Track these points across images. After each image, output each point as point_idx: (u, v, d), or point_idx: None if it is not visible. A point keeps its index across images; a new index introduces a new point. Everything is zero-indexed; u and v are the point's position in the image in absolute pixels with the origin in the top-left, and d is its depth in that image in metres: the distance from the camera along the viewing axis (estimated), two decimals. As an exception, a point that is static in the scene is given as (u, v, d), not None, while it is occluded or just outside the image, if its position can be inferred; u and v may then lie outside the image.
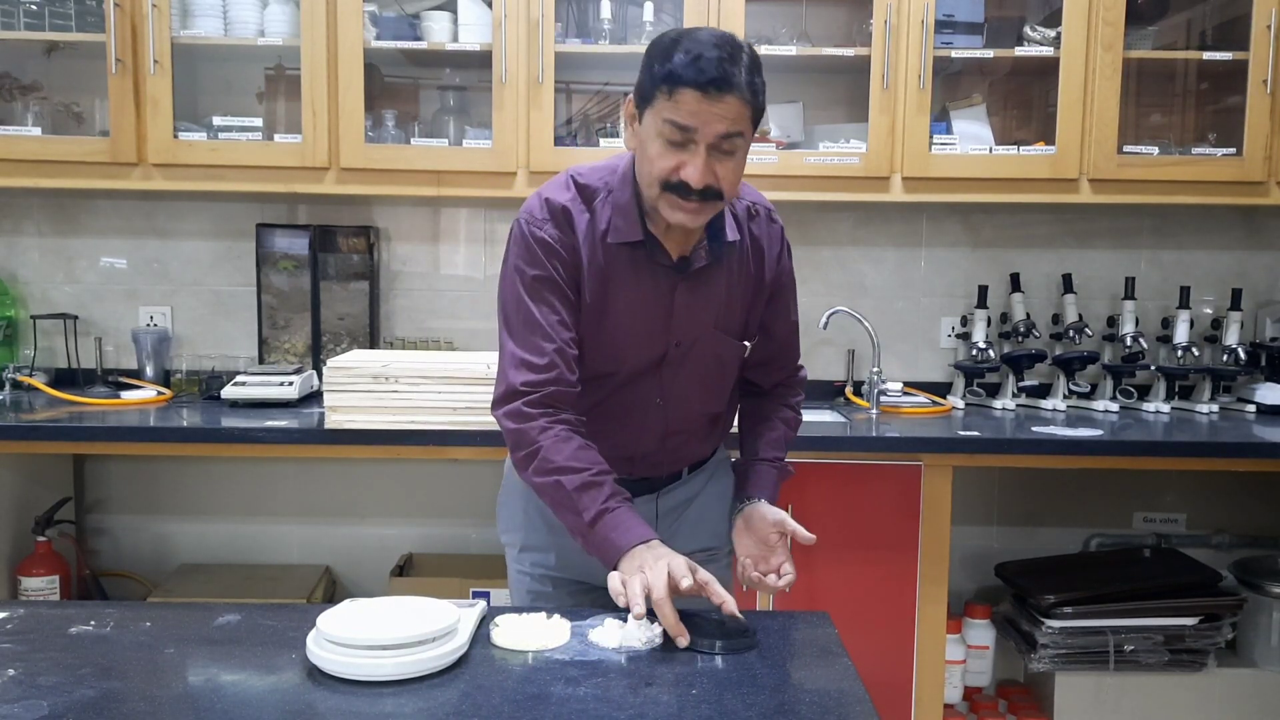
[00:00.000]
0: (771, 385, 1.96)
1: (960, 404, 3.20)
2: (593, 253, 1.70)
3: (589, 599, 1.87)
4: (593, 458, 1.65)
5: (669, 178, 1.58)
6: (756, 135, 2.95)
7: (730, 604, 1.53)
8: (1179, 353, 3.15)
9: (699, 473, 1.93)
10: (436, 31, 2.95)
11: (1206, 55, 3.01)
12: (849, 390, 3.27)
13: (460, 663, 1.41)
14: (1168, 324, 3.22)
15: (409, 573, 3.15)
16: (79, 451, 3.17)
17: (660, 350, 1.76)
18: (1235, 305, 3.17)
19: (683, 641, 1.47)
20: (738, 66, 1.55)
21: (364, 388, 2.63)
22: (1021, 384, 3.20)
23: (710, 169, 1.58)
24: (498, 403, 1.71)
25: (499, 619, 1.53)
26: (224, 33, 2.96)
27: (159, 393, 3.08)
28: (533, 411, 1.66)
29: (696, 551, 1.87)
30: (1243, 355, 3.13)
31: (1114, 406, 3.13)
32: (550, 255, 1.68)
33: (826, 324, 3.09)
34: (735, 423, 2.01)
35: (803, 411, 2.01)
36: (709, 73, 1.52)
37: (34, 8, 2.92)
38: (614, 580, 1.54)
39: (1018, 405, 3.19)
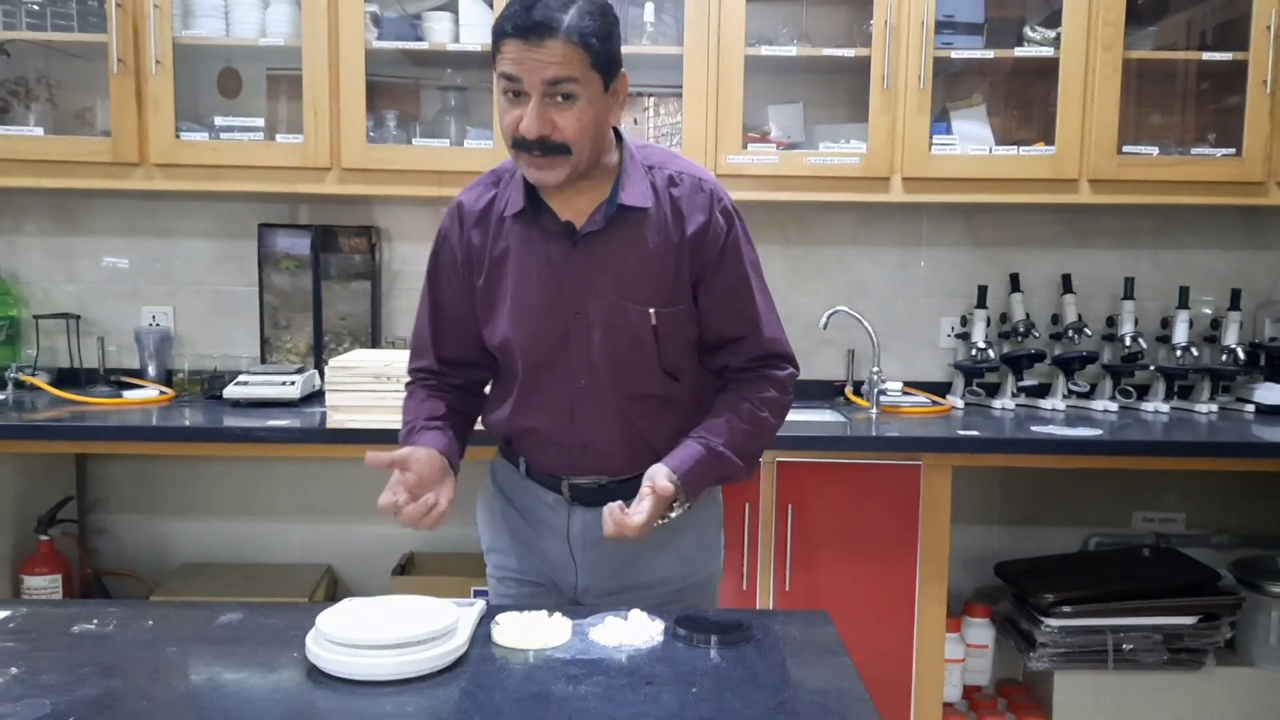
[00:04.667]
0: (733, 372, 1.81)
1: (960, 403, 3.21)
2: (489, 232, 1.75)
3: (551, 603, 1.78)
4: (425, 408, 1.82)
5: (513, 134, 1.59)
6: (756, 134, 3.00)
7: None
8: (1178, 353, 3.15)
9: None
10: (438, 32, 2.96)
11: (1206, 55, 3.01)
12: (849, 390, 3.28)
13: (461, 662, 1.41)
14: (1167, 324, 3.23)
15: (410, 572, 3.15)
16: (81, 451, 3.18)
17: (563, 323, 1.72)
18: (1235, 305, 3.18)
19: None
20: (565, 12, 1.53)
21: (366, 387, 2.64)
22: (1021, 384, 3.20)
23: (545, 118, 1.56)
24: None
25: (500, 618, 1.53)
26: (225, 33, 2.96)
27: (161, 392, 3.09)
28: (409, 389, 1.89)
29: (670, 579, 1.85)
30: (1242, 355, 3.13)
31: (1113, 406, 3.14)
32: (439, 254, 1.82)
33: (826, 324, 3.09)
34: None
35: (779, 414, 1.81)
36: (530, 18, 1.52)
37: (36, 8, 2.93)
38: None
39: (1017, 405, 3.19)
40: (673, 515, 1.69)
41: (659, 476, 1.65)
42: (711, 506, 1.91)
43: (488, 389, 1.93)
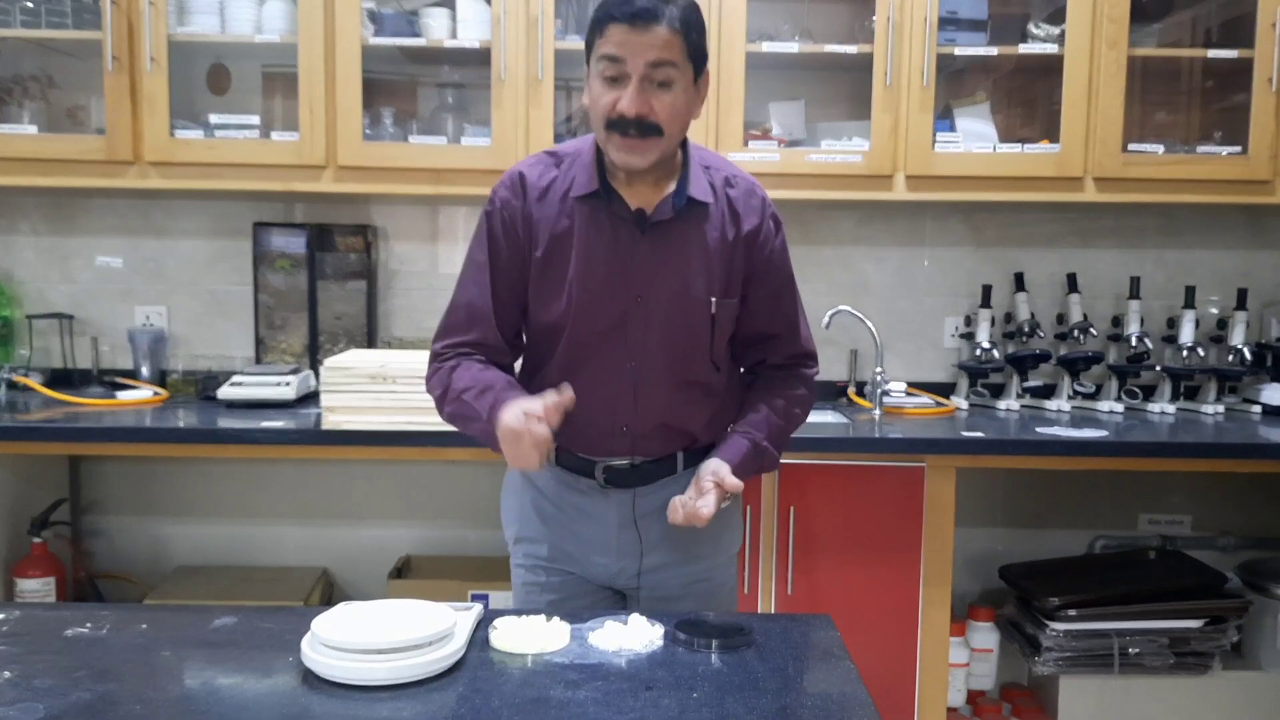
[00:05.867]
0: (767, 370, 1.95)
1: (964, 404, 3.19)
2: (552, 209, 1.78)
3: (580, 589, 1.92)
4: (492, 375, 1.77)
5: (609, 114, 1.66)
6: (757, 131, 2.99)
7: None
8: (1184, 353, 3.13)
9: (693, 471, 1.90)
10: (435, 29, 2.94)
11: (1211, 53, 3.00)
12: (852, 391, 3.26)
13: (459, 666, 1.41)
14: (1173, 324, 3.21)
15: (407, 575, 3.14)
16: (75, 452, 3.16)
17: (622, 305, 1.78)
18: (1241, 305, 3.16)
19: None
20: (667, 3, 1.64)
21: (361, 388, 2.63)
22: (1026, 384, 3.19)
23: (644, 99, 1.65)
24: (429, 361, 1.86)
25: (498, 622, 1.52)
26: (221, 30, 2.95)
27: (155, 393, 3.07)
28: (448, 363, 1.82)
29: (700, 554, 1.91)
30: (1248, 355, 3.12)
31: (1119, 407, 3.12)
32: (496, 224, 1.80)
33: (829, 324, 3.08)
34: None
35: (807, 411, 1.96)
36: (634, 5, 1.62)
37: (30, 5, 2.91)
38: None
39: (1022, 406, 3.17)
40: (724, 505, 1.80)
41: (724, 473, 1.77)
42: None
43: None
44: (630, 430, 1.83)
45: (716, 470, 1.78)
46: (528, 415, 1.59)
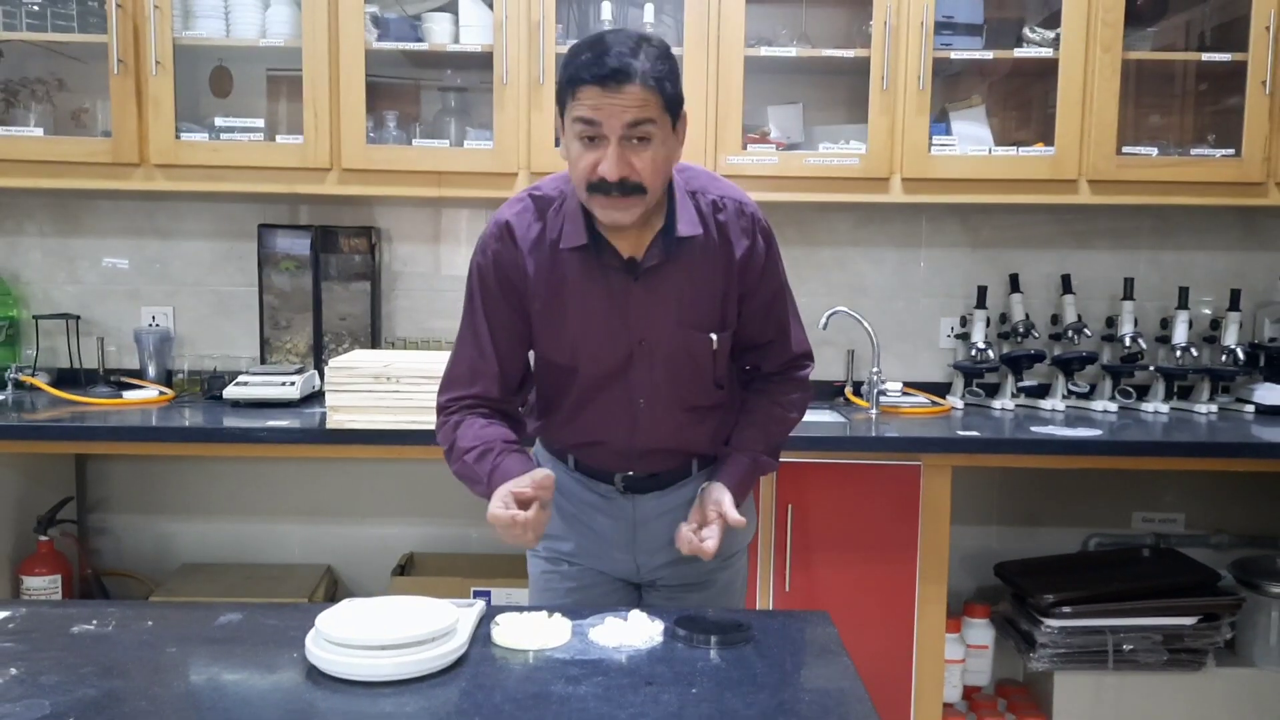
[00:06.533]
0: (762, 375, 1.96)
1: (959, 404, 3.21)
2: (543, 260, 1.77)
3: (598, 579, 1.95)
4: (493, 432, 1.77)
5: (590, 177, 1.63)
6: (756, 135, 3.01)
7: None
8: (1178, 353, 3.15)
9: (706, 473, 1.95)
10: (438, 33, 2.96)
11: (1205, 56, 3.01)
12: (848, 390, 3.28)
13: (461, 662, 1.42)
14: (1166, 324, 3.23)
15: (410, 572, 3.15)
16: (81, 451, 3.18)
17: (625, 349, 1.79)
18: (1234, 306, 3.18)
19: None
20: (637, 57, 1.58)
21: (365, 388, 2.64)
22: (1020, 384, 3.21)
23: (624, 160, 1.61)
24: (436, 413, 1.87)
25: (499, 618, 1.53)
26: (226, 34, 2.96)
27: (161, 393, 3.09)
28: (453, 417, 1.82)
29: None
30: (1241, 355, 3.13)
31: (1113, 407, 3.14)
32: (490, 276, 1.80)
33: (826, 324, 3.09)
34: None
35: (803, 409, 1.98)
36: (606, 65, 1.57)
37: (36, 9, 2.92)
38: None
39: (1017, 405, 3.19)
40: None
41: (726, 503, 1.78)
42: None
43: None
44: (647, 454, 1.87)
45: (719, 500, 1.79)
46: (515, 498, 1.61)
